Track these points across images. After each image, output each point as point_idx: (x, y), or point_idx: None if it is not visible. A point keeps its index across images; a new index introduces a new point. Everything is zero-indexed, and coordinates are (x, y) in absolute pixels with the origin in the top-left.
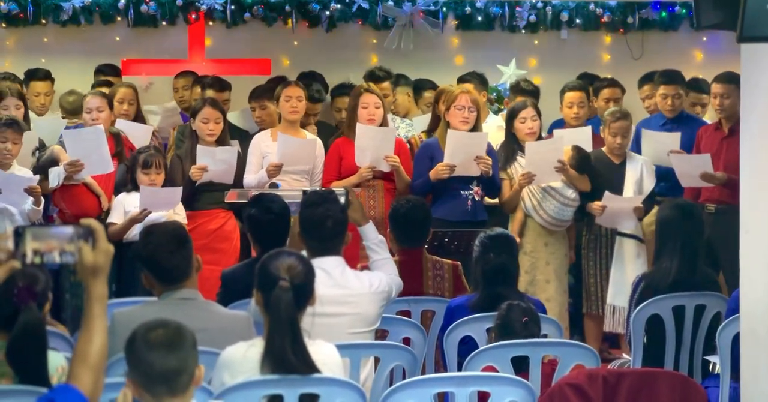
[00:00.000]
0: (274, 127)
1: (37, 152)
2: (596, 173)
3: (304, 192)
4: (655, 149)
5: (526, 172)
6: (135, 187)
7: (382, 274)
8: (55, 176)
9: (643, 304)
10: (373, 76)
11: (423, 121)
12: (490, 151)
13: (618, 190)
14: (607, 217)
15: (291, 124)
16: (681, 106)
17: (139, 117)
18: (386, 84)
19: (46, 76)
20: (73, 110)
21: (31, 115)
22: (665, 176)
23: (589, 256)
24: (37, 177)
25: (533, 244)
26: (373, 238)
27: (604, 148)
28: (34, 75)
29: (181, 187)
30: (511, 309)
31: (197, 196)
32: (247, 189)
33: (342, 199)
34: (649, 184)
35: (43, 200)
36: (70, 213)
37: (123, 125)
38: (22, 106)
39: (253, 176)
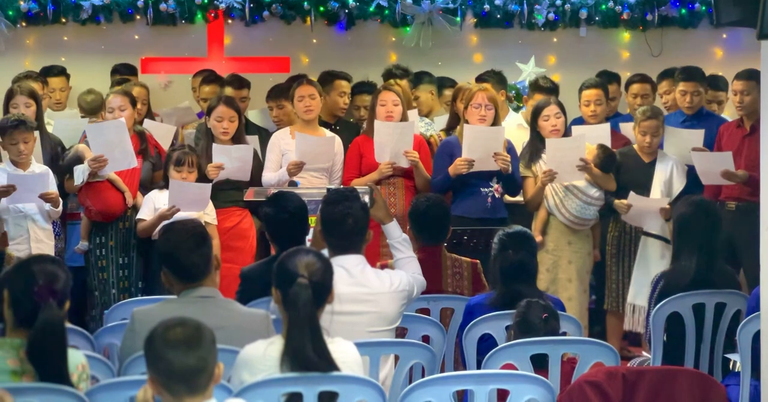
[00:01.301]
0: (293, 125)
1: (61, 153)
2: (623, 170)
3: (329, 190)
4: (677, 146)
5: (548, 169)
6: (167, 185)
7: (403, 273)
8: (80, 174)
9: (663, 302)
10: (391, 75)
11: (445, 120)
12: (509, 148)
13: (645, 189)
14: (632, 215)
15: (308, 122)
16: (700, 103)
17: (149, 116)
18: (403, 82)
19: (61, 72)
20: (91, 109)
21: (49, 111)
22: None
23: (613, 253)
24: (49, 172)
25: (556, 242)
26: (396, 236)
27: (635, 146)
28: (49, 71)
29: (210, 184)
30: (530, 306)
31: (214, 195)
32: (266, 187)
33: (366, 198)
34: (679, 186)
35: (61, 202)
36: (95, 210)
37: (147, 125)
38: (33, 104)
39: (272, 174)
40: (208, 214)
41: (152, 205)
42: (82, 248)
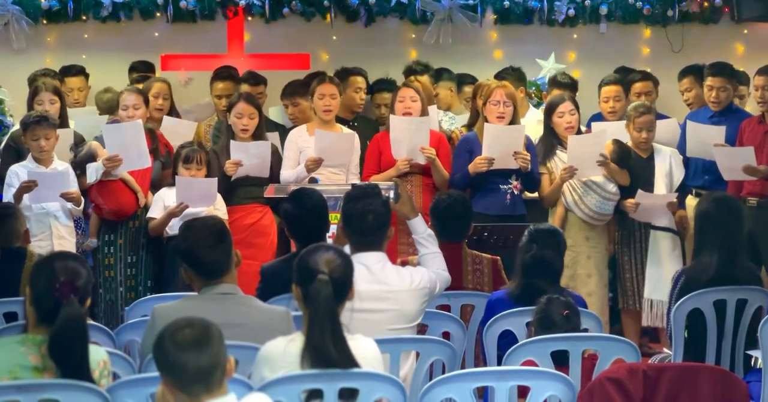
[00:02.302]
0: (309, 122)
1: (75, 148)
2: (630, 169)
3: (353, 186)
4: (699, 142)
5: (568, 166)
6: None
7: (424, 270)
8: (93, 172)
9: (684, 298)
10: (412, 71)
11: (464, 116)
12: (529, 145)
13: (648, 183)
14: (641, 213)
15: (325, 120)
16: (728, 99)
17: (173, 112)
18: (424, 78)
19: (79, 71)
20: (108, 108)
21: (69, 110)
22: (709, 169)
23: (624, 252)
24: (69, 170)
25: (574, 238)
26: (421, 231)
27: (629, 144)
28: (68, 71)
29: (216, 179)
30: (551, 302)
31: (233, 191)
32: (285, 184)
33: (391, 193)
34: (679, 176)
35: (82, 200)
36: (108, 209)
37: (168, 122)
38: (57, 100)
39: (290, 171)
40: (218, 210)
41: (162, 204)
42: (90, 245)
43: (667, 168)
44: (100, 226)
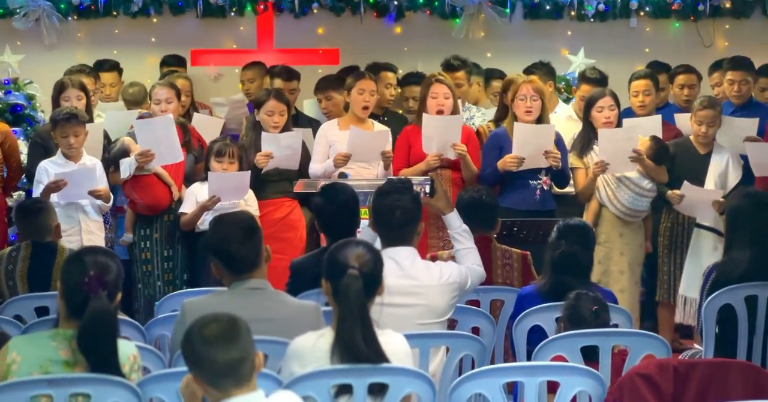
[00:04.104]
0: (342, 117)
1: (108, 145)
2: (678, 161)
3: (387, 181)
4: (730, 135)
5: (600, 160)
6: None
7: (455, 265)
8: (127, 167)
9: (715, 293)
10: (449, 66)
11: (491, 111)
12: (558, 140)
13: (700, 181)
14: (685, 205)
15: (359, 117)
16: (749, 92)
17: (193, 109)
18: (461, 73)
19: (113, 67)
20: (134, 101)
21: (100, 104)
22: None
23: (665, 245)
24: (98, 167)
25: (607, 234)
26: (456, 226)
27: (691, 137)
28: (101, 66)
29: (249, 172)
30: (580, 298)
31: (263, 186)
32: (314, 178)
33: (427, 188)
34: (734, 179)
35: (112, 197)
36: (142, 203)
37: (197, 118)
38: (84, 96)
39: (319, 165)
40: (250, 206)
41: (194, 199)
42: (126, 240)
43: (723, 168)
44: (135, 221)
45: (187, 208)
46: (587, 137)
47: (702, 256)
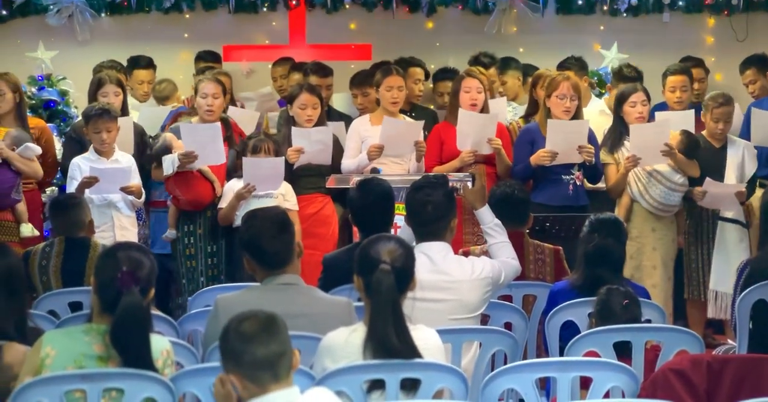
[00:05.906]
0: (373, 113)
1: (150, 140)
2: (700, 158)
3: (424, 176)
4: (764, 129)
5: (632, 155)
6: None
7: (488, 260)
8: (170, 164)
9: (749, 289)
10: (478, 63)
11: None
12: (591, 137)
13: (719, 174)
14: (708, 201)
15: (390, 112)
16: None
17: (231, 104)
18: (491, 70)
19: (148, 64)
20: (163, 97)
21: (135, 102)
22: None
23: (691, 242)
24: (131, 164)
25: (640, 229)
26: (488, 221)
27: (704, 133)
28: (136, 63)
29: (283, 158)
30: (611, 293)
31: (296, 181)
32: (346, 173)
33: (469, 184)
34: (751, 168)
35: (144, 193)
36: (185, 199)
37: (231, 112)
38: (121, 93)
39: (352, 161)
40: (288, 201)
41: (231, 195)
42: (170, 236)
43: (740, 159)
44: (178, 217)
45: (225, 203)
46: (618, 133)
47: (729, 249)
